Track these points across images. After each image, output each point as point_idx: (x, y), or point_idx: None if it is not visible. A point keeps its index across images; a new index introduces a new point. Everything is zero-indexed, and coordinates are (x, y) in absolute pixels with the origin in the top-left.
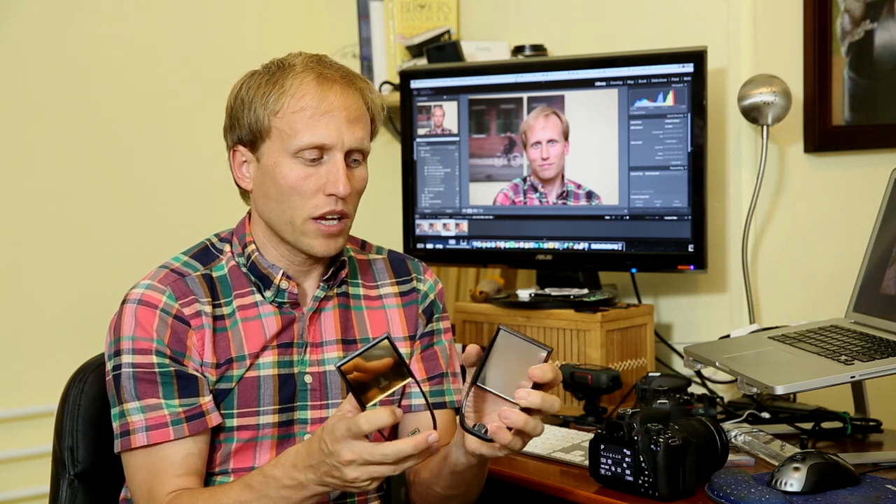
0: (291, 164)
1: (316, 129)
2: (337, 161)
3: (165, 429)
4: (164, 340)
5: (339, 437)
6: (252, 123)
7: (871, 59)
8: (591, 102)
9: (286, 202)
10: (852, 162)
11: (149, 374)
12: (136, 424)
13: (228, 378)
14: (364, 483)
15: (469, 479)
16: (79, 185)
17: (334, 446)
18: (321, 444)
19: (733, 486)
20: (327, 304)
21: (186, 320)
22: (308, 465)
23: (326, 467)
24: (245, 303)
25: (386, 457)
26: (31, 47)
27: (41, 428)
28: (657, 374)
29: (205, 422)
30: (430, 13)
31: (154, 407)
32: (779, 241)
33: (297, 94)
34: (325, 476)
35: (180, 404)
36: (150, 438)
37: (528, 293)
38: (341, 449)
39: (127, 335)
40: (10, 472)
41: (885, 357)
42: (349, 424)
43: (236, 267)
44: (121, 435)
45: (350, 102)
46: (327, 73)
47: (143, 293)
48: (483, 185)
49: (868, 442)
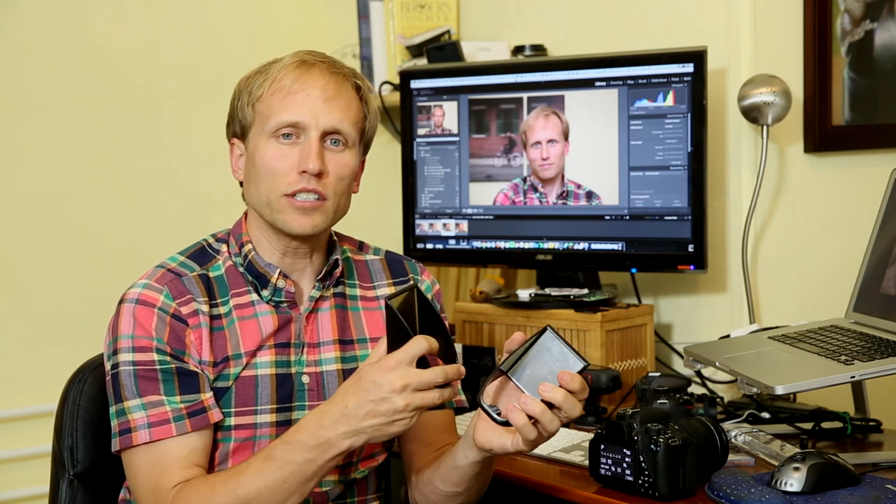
0: (268, 144)
1: (290, 107)
2: (311, 139)
3: (167, 425)
4: (164, 338)
5: (390, 366)
6: (241, 114)
7: (871, 59)
8: (591, 102)
9: (263, 182)
10: (852, 162)
11: (150, 371)
12: (138, 421)
13: (225, 376)
14: (410, 415)
15: (472, 477)
16: (78, 186)
17: (385, 377)
18: (360, 386)
19: (733, 486)
20: (324, 304)
21: (184, 319)
22: (340, 417)
23: (369, 407)
24: (242, 302)
25: (436, 375)
26: (31, 46)
27: (41, 428)
28: (657, 374)
29: (206, 417)
30: (430, 13)
31: (156, 404)
32: (779, 241)
33: (276, 78)
34: (363, 420)
35: (182, 400)
36: (151, 435)
37: (528, 293)
38: (393, 377)
39: (126, 334)
40: (10, 472)
41: (885, 357)
42: (400, 353)
43: (233, 267)
44: (120, 433)
45: (328, 83)
46: (310, 59)
47: (141, 293)
48: (483, 185)
49: (868, 442)
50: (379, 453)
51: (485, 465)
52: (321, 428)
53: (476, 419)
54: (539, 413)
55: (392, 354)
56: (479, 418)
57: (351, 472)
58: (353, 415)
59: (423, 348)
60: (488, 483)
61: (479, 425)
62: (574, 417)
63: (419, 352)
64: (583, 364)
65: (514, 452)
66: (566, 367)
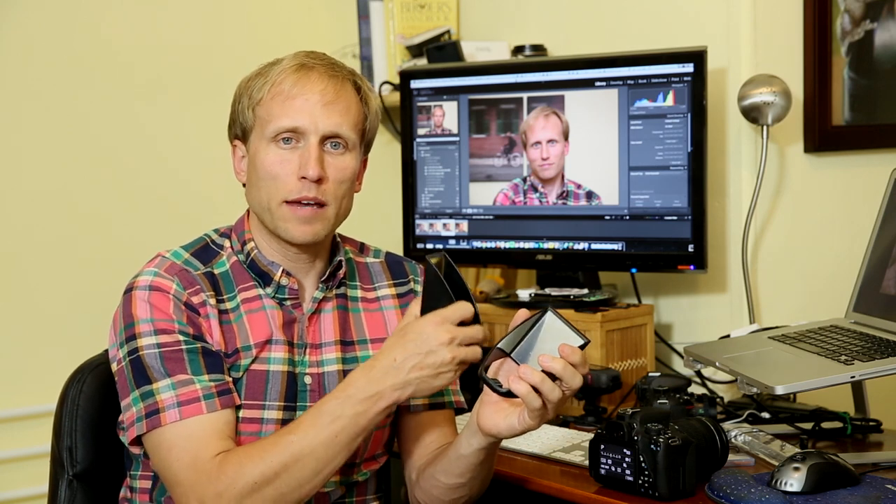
0: (268, 149)
1: (289, 112)
2: (310, 145)
3: (198, 403)
4: (184, 321)
5: (437, 322)
6: (241, 117)
7: (871, 59)
8: (591, 102)
9: (264, 188)
10: (852, 162)
11: (175, 352)
12: (167, 402)
13: (236, 368)
14: (455, 368)
15: (476, 466)
16: (77, 185)
17: (433, 331)
18: (406, 339)
19: (733, 486)
20: (326, 305)
21: (195, 308)
22: (389, 368)
23: (416, 360)
24: (249, 296)
25: (478, 331)
26: (33, 43)
27: (39, 428)
28: (657, 374)
29: (233, 398)
30: (430, 13)
31: (185, 382)
32: (779, 241)
33: (276, 82)
34: (411, 372)
35: (210, 379)
36: (181, 414)
37: (528, 293)
38: (440, 331)
39: (144, 318)
40: (9, 472)
41: (885, 357)
42: (446, 311)
43: (238, 262)
44: (147, 416)
45: (327, 86)
46: (309, 62)
47: (153, 280)
48: (483, 185)
49: (868, 442)
50: (381, 455)
51: (489, 453)
52: (371, 382)
53: (478, 406)
54: (539, 382)
55: (438, 311)
56: (481, 404)
57: (353, 473)
58: (402, 367)
59: (469, 313)
60: (491, 475)
61: (482, 411)
62: (575, 388)
63: (464, 315)
64: (583, 341)
65: (521, 432)
66: (567, 343)
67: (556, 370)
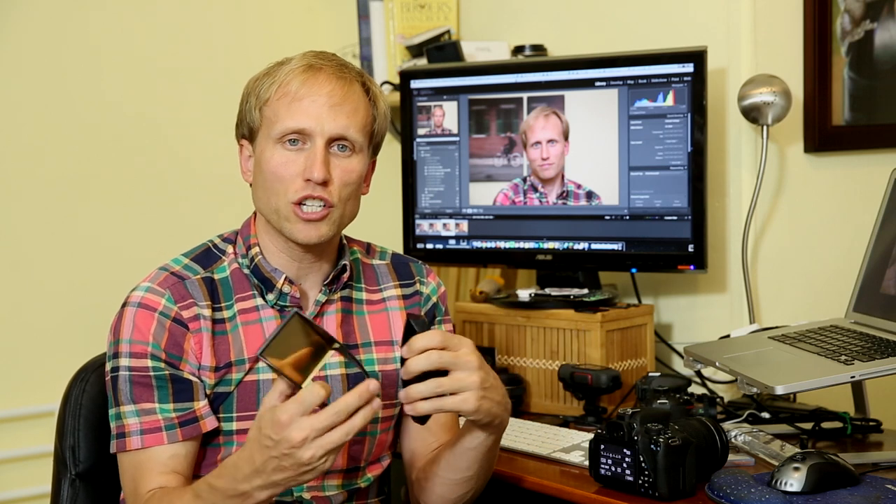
0: (274, 150)
1: (295, 113)
2: (316, 146)
3: (159, 433)
4: (161, 345)
5: (284, 422)
6: (249, 117)
7: (871, 59)
8: (591, 102)
9: (271, 189)
10: (852, 162)
11: (144, 377)
12: (132, 427)
13: (227, 381)
14: (320, 462)
15: (483, 455)
16: (79, 186)
17: (282, 433)
18: (261, 443)
19: (733, 486)
20: (329, 307)
21: (185, 323)
22: (251, 472)
23: (275, 463)
24: (246, 306)
25: (338, 414)
26: (35, 47)
27: (42, 427)
28: (657, 374)
29: (198, 427)
30: (430, 13)
31: (149, 411)
32: (779, 241)
33: (283, 82)
34: (273, 474)
35: (174, 409)
36: (144, 442)
37: (528, 293)
38: (290, 432)
39: (125, 338)
40: (12, 471)
41: (885, 357)
42: (292, 405)
43: (239, 269)
44: (117, 437)
45: (335, 88)
46: (317, 63)
47: (143, 296)
48: (483, 185)
49: (868, 442)
50: (385, 458)
51: (496, 439)
52: (236, 481)
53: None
54: (432, 389)
55: (285, 406)
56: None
57: (357, 478)
58: (263, 470)
59: (320, 397)
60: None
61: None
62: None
63: (316, 401)
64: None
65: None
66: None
67: (425, 366)
